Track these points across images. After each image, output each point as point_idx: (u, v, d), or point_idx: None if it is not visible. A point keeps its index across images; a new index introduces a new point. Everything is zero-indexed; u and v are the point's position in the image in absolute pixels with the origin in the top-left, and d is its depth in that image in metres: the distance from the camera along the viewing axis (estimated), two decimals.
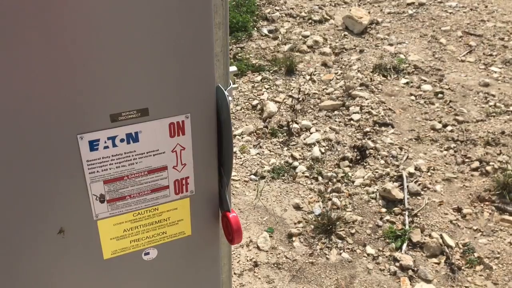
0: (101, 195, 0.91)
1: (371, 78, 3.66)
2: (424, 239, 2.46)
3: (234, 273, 2.36)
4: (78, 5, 0.75)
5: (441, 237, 2.46)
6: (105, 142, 0.86)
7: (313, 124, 3.30)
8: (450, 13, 4.44)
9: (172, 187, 0.97)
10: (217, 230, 1.08)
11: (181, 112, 0.90)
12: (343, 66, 3.82)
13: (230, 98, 0.94)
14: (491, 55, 3.86)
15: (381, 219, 2.61)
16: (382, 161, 2.95)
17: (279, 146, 3.15)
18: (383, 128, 3.21)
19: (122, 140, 0.88)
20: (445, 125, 3.19)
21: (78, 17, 0.76)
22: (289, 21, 4.46)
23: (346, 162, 2.97)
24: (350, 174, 2.90)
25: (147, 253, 1.02)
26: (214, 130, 0.95)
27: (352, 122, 3.28)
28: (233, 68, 1.15)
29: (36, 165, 0.84)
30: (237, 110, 3.46)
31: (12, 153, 0.81)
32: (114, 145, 0.87)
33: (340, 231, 2.56)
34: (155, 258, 1.03)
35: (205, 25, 0.84)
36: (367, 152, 3.02)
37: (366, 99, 3.44)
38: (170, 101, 0.88)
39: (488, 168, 2.84)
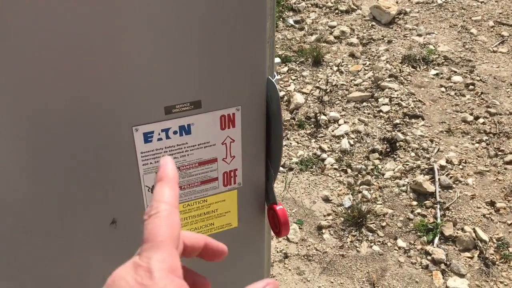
0: (153, 186, 0.92)
1: (400, 69, 3.61)
2: (457, 233, 2.43)
3: None
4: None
5: (474, 231, 2.43)
6: (159, 134, 0.87)
7: (341, 115, 3.28)
8: (481, 2, 4.34)
9: (221, 179, 0.98)
10: (262, 223, 1.08)
11: (233, 104, 0.90)
12: (371, 57, 3.78)
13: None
14: None
15: (412, 212, 2.59)
16: (413, 154, 2.92)
17: (306, 138, 3.14)
18: (413, 120, 3.17)
19: (175, 132, 0.88)
20: (476, 118, 3.13)
21: (133, 10, 0.76)
22: (315, 11, 4.42)
23: (376, 155, 2.94)
24: (380, 166, 2.87)
25: None
26: (263, 123, 0.95)
27: (381, 113, 3.24)
28: (276, 60, 1.15)
29: (91, 157, 0.85)
30: None
31: (69, 145, 0.83)
32: (167, 137, 0.88)
33: (371, 223, 2.54)
34: None
35: (259, 15, 0.84)
36: (397, 144, 2.99)
37: (396, 91, 3.39)
38: (222, 94, 0.88)
39: None
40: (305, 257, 2.41)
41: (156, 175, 0.40)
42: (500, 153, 2.87)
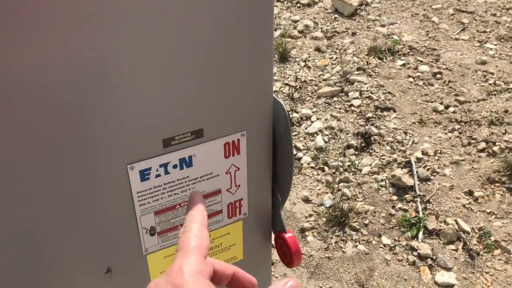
0: (152, 227, 0.81)
1: (367, 62, 3.58)
2: (440, 225, 2.43)
3: None
4: (125, 22, 0.64)
5: (456, 222, 2.43)
6: (157, 170, 0.76)
7: (313, 112, 3.22)
8: None
9: (225, 211, 0.88)
10: (269, 252, 0.99)
11: (237, 130, 0.80)
12: (337, 51, 3.74)
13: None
14: (484, 32, 3.82)
15: (393, 207, 2.56)
16: (388, 147, 2.90)
17: None
18: (385, 113, 3.15)
19: (175, 166, 0.77)
20: (447, 106, 3.14)
21: (126, 35, 0.65)
22: (277, 6, 4.33)
23: (351, 150, 2.91)
24: (356, 162, 2.84)
25: None
26: (270, 146, 0.86)
27: (352, 108, 3.21)
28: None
29: (81, 200, 0.73)
30: None
31: (56, 188, 0.71)
32: (166, 172, 0.77)
33: (353, 222, 2.50)
34: None
35: (265, 30, 0.74)
36: (372, 138, 2.96)
37: (365, 84, 3.36)
38: (226, 119, 0.78)
39: (495, 148, 2.81)
40: None
41: (187, 205, 0.48)
42: (473, 141, 2.89)
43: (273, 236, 0.97)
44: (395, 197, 2.61)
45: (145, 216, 0.80)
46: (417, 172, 2.70)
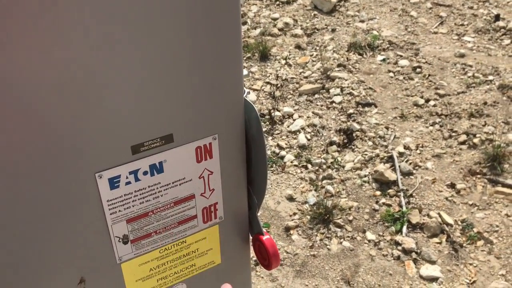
0: (124, 235, 0.80)
1: (347, 58, 3.59)
2: (423, 219, 2.44)
3: None
4: (91, 28, 0.62)
5: (440, 215, 2.45)
6: (127, 178, 0.74)
7: (295, 110, 3.21)
8: None
9: (200, 216, 0.86)
10: (247, 255, 0.98)
11: (208, 133, 0.79)
12: (317, 47, 3.74)
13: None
14: (462, 25, 3.86)
15: (376, 202, 2.57)
16: (370, 143, 2.90)
17: None
18: (366, 109, 3.16)
19: (145, 173, 0.76)
20: (427, 100, 3.16)
21: (91, 41, 0.63)
22: (256, 4, 4.32)
23: (334, 147, 2.91)
24: (339, 159, 2.84)
25: None
26: (243, 149, 0.85)
27: (334, 104, 3.21)
28: (244, 72, 1.04)
29: (50, 211, 0.71)
30: None
31: (22, 199, 0.69)
32: (136, 179, 0.75)
33: (338, 219, 2.50)
34: None
35: (232, 30, 0.73)
36: (354, 134, 2.96)
37: (346, 80, 3.37)
38: (197, 123, 0.77)
39: (476, 140, 2.84)
40: None
41: None
42: (453, 134, 2.91)
43: (251, 238, 0.96)
44: (378, 192, 2.62)
45: (116, 224, 0.78)
46: (399, 166, 2.71)
